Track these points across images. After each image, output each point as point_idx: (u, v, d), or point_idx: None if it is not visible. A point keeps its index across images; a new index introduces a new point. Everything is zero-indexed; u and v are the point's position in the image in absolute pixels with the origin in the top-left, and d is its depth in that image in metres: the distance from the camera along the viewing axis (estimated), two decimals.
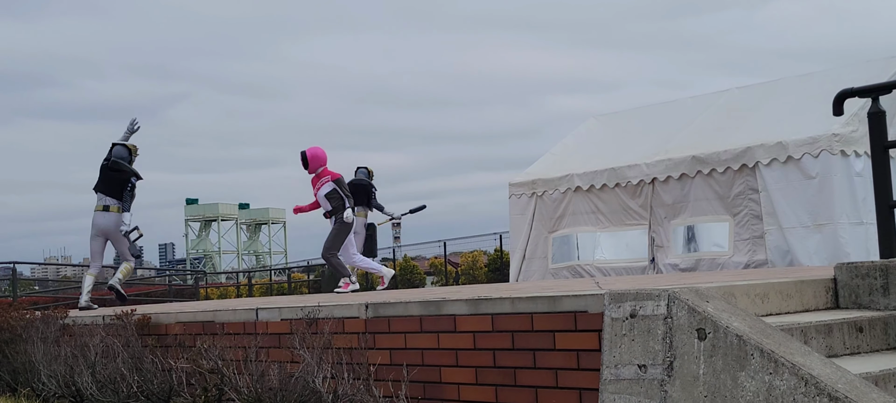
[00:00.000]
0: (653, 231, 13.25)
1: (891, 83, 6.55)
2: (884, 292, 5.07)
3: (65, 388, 7.39)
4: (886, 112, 5.93)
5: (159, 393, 6.54)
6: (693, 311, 4.12)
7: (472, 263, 30.51)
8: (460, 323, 5.17)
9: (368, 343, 5.62)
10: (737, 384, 3.92)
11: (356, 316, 5.79)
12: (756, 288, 4.79)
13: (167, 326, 7.53)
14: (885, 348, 4.87)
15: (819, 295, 5.19)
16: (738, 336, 3.95)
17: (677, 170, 12.87)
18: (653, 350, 4.24)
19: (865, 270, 5.16)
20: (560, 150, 15.57)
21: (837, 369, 3.83)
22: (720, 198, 12.47)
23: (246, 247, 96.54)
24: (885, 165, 5.74)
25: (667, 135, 13.80)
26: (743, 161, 12.18)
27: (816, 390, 3.64)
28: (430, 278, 32.58)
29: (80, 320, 8.57)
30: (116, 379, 6.82)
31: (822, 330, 4.56)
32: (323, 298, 8.09)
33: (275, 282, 36.92)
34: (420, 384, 5.33)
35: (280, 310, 6.41)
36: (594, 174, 13.89)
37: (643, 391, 4.24)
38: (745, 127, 12.80)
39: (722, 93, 14.58)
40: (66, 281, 43.30)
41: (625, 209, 13.58)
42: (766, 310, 4.80)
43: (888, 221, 5.65)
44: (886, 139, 5.76)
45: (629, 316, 4.35)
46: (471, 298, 5.19)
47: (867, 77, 10.28)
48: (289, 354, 5.84)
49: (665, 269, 12.94)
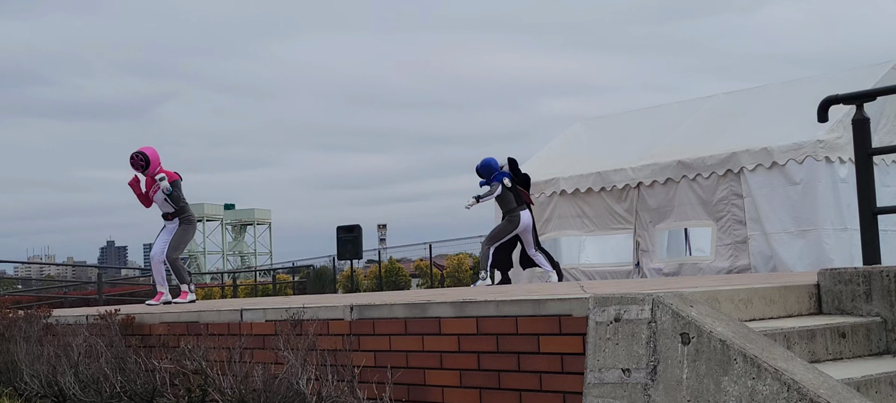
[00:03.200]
0: (638, 235, 13.29)
1: (875, 90, 6.60)
2: (866, 298, 5.09)
3: (47, 388, 7.35)
4: (870, 119, 5.97)
5: (143, 394, 6.52)
6: (677, 316, 4.14)
7: (457, 266, 30.49)
8: (445, 326, 5.17)
9: (353, 345, 5.62)
10: (720, 388, 3.93)
11: (341, 317, 5.79)
12: (740, 293, 4.81)
13: (151, 326, 7.51)
14: (867, 354, 4.90)
15: (802, 300, 5.21)
16: (721, 340, 3.96)
17: (663, 174, 12.91)
18: (637, 355, 4.25)
19: (848, 276, 5.19)
20: (546, 154, 15.59)
21: (820, 374, 3.84)
22: (704, 203, 12.51)
23: (231, 248, 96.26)
24: (869, 172, 5.77)
25: (653, 139, 13.84)
26: (728, 166, 12.22)
27: (799, 395, 3.65)
28: (416, 280, 32.55)
29: (63, 320, 8.54)
30: (99, 379, 6.79)
31: (805, 336, 4.59)
32: (308, 299, 8.08)
33: (259, 283, 36.83)
34: (404, 386, 5.33)
35: (264, 311, 6.40)
36: (580, 178, 13.91)
37: (627, 395, 4.25)
38: (730, 132, 12.84)
39: (708, 99, 14.63)
40: (49, 280, 43.10)
41: (610, 213, 13.60)
42: (750, 315, 4.82)
43: (871, 227, 5.68)
44: (870, 146, 5.80)
45: (613, 319, 4.36)
46: (456, 301, 5.19)
47: (852, 84, 10.32)
48: (273, 355, 5.83)
49: (650, 273, 12.97)
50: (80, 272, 55.19)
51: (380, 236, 47.27)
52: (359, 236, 23.41)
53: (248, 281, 40.16)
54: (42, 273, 68.26)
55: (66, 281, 41.03)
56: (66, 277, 52.72)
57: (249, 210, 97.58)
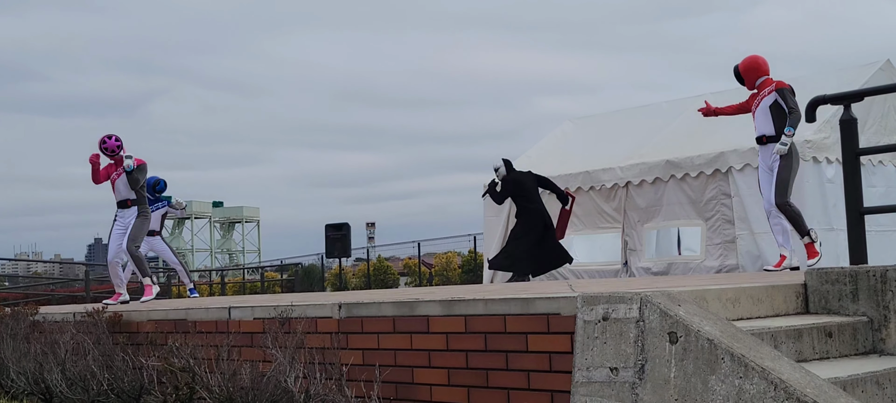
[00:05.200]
0: (626, 234, 13.31)
1: (862, 91, 6.62)
2: (853, 298, 5.11)
3: (34, 386, 7.32)
4: (858, 119, 5.99)
5: (130, 391, 6.50)
6: (665, 315, 4.15)
7: (446, 264, 30.50)
8: (433, 324, 5.17)
9: (341, 344, 5.61)
10: (707, 387, 3.94)
11: (329, 316, 5.78)
12: (727, 293, 4.82)
13: (139, 324, 7.49)
14: (853, 353, 4.92)
15: (789, 300, 5.23)
16: (709, 340, 3.97)
17: (651, 174, 12.93)
18: (624, 353, 4.26)
19: (835, 276, 5.21)
20: (535, 153, 15.61)
21: (806, 374, 3.86)
22: (693, 202, 12.54)
23: (219, 246, 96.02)
24: (856, 172, 5.79)
25: (641, 138, 13.86)
26: (716, 166, 12.25)
27: (785, 394, 3.67)
28: (404, 279, 32.55)
29: (50, 317, 8.51)
30: (86, 377, 6.76)
31: (791, 335, 4.60)
32: (296, 298, 8.07)
33: (248, 281, 36.77)
34: (392, 384, 5.32)
35: (253, 309, 6.39)
36: (569, 177, 13.92)
37: (614, 393, 4.26)
38: (718, 132, 12.86)
39: (697, 98, 14.63)
40: (36, 277, 42.91)
41: (599, 212, 13.62)
42: (738, 315, 4.83)
43: (858, 227, 5.70)
44: (858, 146, 5.82)
45: (602, 318, 4.37)
46: (444, 299, 5.19)
47: (840, 85, 10.36)
48: (261, 353, 5.82)
49: (638, 273, 13.00)
50: (68, 269, 54.96)
51: (368, 234, 47.30)
52: (347, 234, 23.40)
53: (236, 279, 40.08)
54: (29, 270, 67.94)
55: (53, 278, 40.86)
56: (53, 274, 52.49)
57: (238, 207, 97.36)
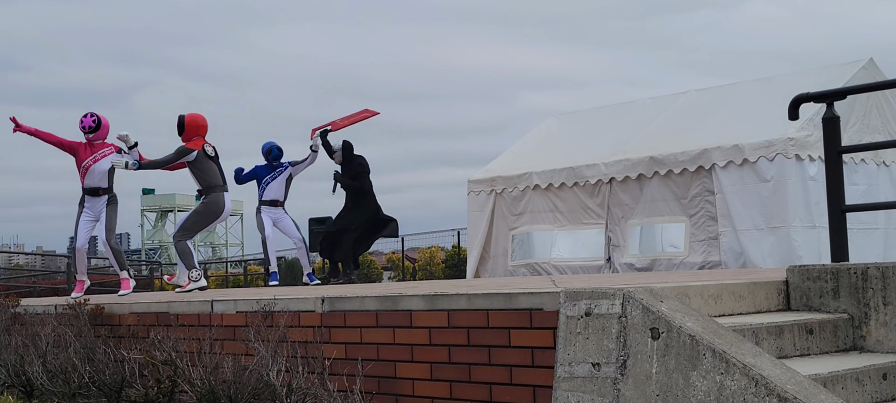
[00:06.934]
0: (609, 230, 13.34)
1: (845, 89, 6.65)
2: (834, 295, 5.14)
3: (15, 378, 7.28)
4: (841, 117, 6.02)
5: (111, 384, 6.48)
6: (647, 311, 4.16)
7: (429, 259, 30.46)
8: (416, 319, 5.17)
9: (324, 337, 5.61)
10: (689, 383, 3.96)
11: (312, 309, 5.78)
12: (710, 289, 4.84)
13: (121, 317, 7.46)
14: (834, 350, 4.95)
15: (771, 296, 5.26)
16: (690, 336, 3.99)
17: (635, 170, 12.97)
18: (607, 349, 4.27)
19: (816, 273, 5.24)
20: (520, 148, 15.62)
21: (787, 370, 3.88)
22: (677, 198, 12.58)
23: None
24: (839, 170, 5.82)
25: (625, 135, 13.89)
26: (700, 163, 12.29)
27: (766, 390, 3.69)
28: (387, 273, 32.51)
29: (31, 309, 8.46)
30: (68, 370, 6.73)
31: (773, 332, 4.62)
32: (279, 291, 8.05)
33: (231, 274, 36.66)
34: (375, 378, 5.32)
35: (235, 302, 6.38)
36: (553, 173, 13.94)
37: (596, 389, 4.27)
38: (702, 129, 12.92)
39: (681, 95, 14.70)
40: (18, 269, 42.69)
41: (583, 208, 13.65)
42: (719, 311, 4.85)
43: (840, 225, 5.73)
44: (840, 144, 5.84)
45: (584, 314, 4.38)
46: (427, 294, 5.19)
47: (823, 82, 10.41)
48: (243, 347, 5.81)
49: (621, 269, 13.03)
50: (50, 261, 54.71)
51: None
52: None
53: (219, 273, 39.96)
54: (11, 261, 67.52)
55: (35, 270, 40.66)
56: (35, 266, 52.21)
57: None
